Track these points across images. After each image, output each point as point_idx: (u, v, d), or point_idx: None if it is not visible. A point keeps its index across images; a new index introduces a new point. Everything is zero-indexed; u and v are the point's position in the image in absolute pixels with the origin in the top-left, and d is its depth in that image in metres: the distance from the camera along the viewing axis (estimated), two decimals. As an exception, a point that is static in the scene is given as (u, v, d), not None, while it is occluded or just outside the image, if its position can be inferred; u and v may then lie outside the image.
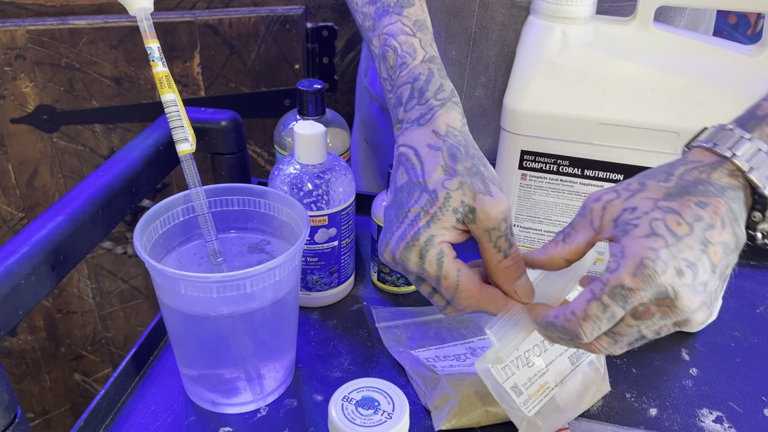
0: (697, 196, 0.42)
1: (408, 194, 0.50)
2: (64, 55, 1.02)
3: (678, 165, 0.45)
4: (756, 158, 0.43)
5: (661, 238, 0.41)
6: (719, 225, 0.41)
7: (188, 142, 0.55)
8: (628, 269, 0.41)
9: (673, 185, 0.43)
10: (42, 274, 0.52)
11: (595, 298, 0.42)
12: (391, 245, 0.50)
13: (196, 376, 0.57)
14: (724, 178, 0.43)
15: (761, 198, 0.43)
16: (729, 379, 0.62)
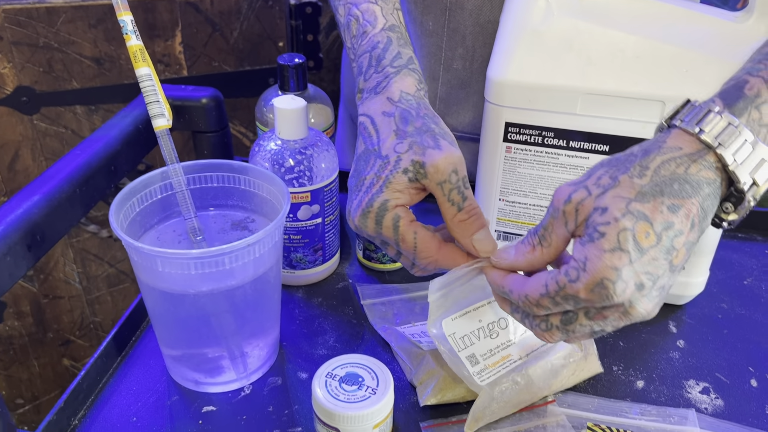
0: (671, 197, 0.40)
1: (365, 162, 0.51)
2: (42, 34, 1.00)
3: (654, 154, 0.42)
4: (741, 151, 0.41)
5: (626, 255, 0.39)
6: (688, 229, 0.40)
7: (164, 117, 0.53)
8: (587, 285, 0.40)
9: (647, 182, 0.40)
10: (18, 254, 0.51)
11: (548, 294, 0.42)
12: (351, 213, 0.51)
13: (178, 356, 0.56)
14: (702, 172, 0.41)
15: (738, 193, 0.41)
16: (716, 350, 0.62)
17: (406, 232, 0.49)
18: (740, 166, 0.41)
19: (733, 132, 0.41)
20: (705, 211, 0.41)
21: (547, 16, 0.57)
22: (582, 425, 0.53)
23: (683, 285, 0.64)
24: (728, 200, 0.42)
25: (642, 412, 0.55)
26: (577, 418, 0.54)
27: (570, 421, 0.54)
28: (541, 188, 0.62)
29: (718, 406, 0.56)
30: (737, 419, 0.54)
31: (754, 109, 0.42)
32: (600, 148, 0.59)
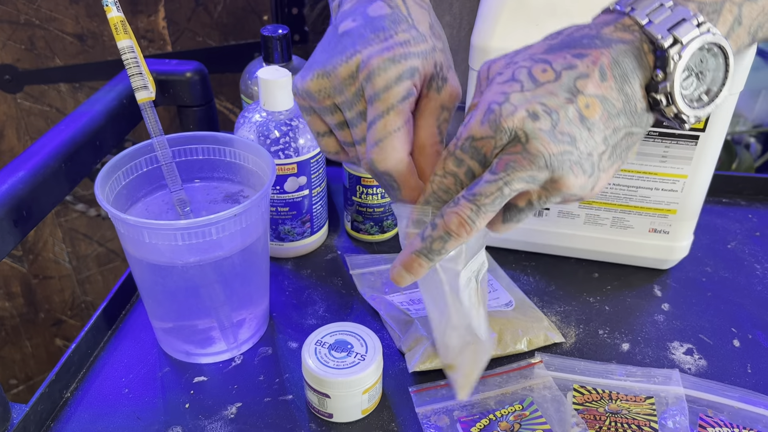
0: (577, 48, 0.39)
1: (394, 23, 0.44)
2: (22, 11, 0.99)
3: (570, 26, 0.42)
4: (658, 12, 0.39)
5: (517, 83, 0.38)
6: (597, 76, 0.38)
7: (148, 89, 0.53)
8: (478, 118, 0.38)
9: (557, 42, 0.40)
10: (4, 230, 0.51)
11: (449, 153, 0.40)
12: (366, 53, 0.42)
13: (168, 328, 0.57)
14: (615, 33, 0.39)
15: (661, 52, 0.39)
16: (700, 312, 0.63)
17: (405, 110, 0.42)
18: (657, 25, 0.39)
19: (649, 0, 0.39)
20: (621, 67, 0.38)
21: (530, -19, 0.57)
22: (568, 387, 0.54)
23: (668, 249, 0.65)
24: (657, 67, 0.39)
25: (627, 374, 0.56)
26: (564, 380, 0.55)
27: (556, 382, 0.54)
28: (526, 156, 0.63)
29: (702, 366, 0.57)
30: (720, 378, 0.56)
31: None
32: (584, 114, 0.59)
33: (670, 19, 0.39)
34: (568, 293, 0.65)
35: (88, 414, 0.53)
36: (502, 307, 0.61)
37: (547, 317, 0.61)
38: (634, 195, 0.62)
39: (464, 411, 0.52)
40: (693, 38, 0.39)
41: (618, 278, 0.67)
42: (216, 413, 0.53)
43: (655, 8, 0.39)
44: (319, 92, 0.44)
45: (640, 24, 0.39)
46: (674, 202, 0.62)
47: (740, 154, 1.41)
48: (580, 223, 0.65)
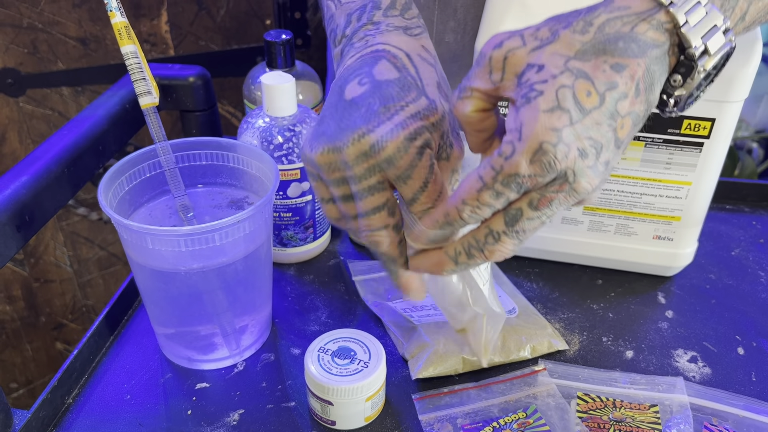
0: (615, 56, 0.36)
1: (402, 90, 0.43)
2: (25, 15, 0.99)
3: (600, 10, 0.38)
4: (695, 13, 0.37)
5: (566, 114, 0.35)
6: (633, 94, 0.37)
7: (151, 95, 0.53)
8: (526, 155, 0.35)
9: (589, 39, 0.37)
10: (7, 235, 0.51)
11: (486, 186, 0.37)
12: (380, 131, 0.40)
13: (171, 334, 0.57)
14: (650, 32, 0.37)
15: (688, 60, 0.38)
16: (704, 320, 0.63)
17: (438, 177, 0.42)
18: (693, 29, 0.37)
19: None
20: (652, 76, 0.38)
21: (534, -12, 0.57)
22: (572, 395, 0.54)
23: (672, 256, 0.65)
24: (677, 71, 0.39)
25: (631, 381, 0.56)
26: (567, 387, 0.55)
27: (560, 390, 0.54)
28: (530, 162, 0.63)
29: (706, 374, 0.57)
30: (724, 386, 0.55)
31: None
32: (588, 120, 0.59)
33: (705, 22, 0.38)
34: (572, 300, 0.65)
35: (90, 420, 0.52)
36: (505, 313, 0.60)
37: (550, 324, 0.61)
38: (638, 202, 0.62)
39: (467, 419, 0.52)
40: (719, 48, 0.38)
41: (622, 285, 0.66)
42: (218, 420, 0.52)
43: (693, 5, 0.37)
44: (327, 165, 0.42)
45: (677, 24, 0.37)
46: (678, 209, 0.62)
47: (743, 160, 1.41)
48: (584, 229, 0.65)
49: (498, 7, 0.58)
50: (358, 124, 0.41)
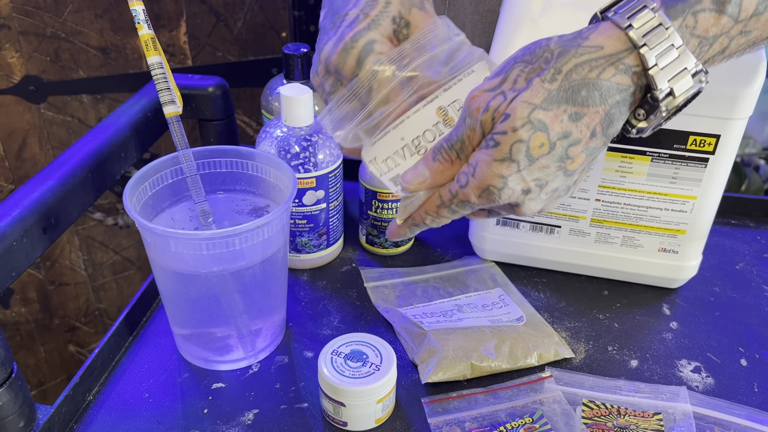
0: (575, 105, 0.39)
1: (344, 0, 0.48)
2: (49, 24, 1.02)
3: (570, 55, 0.40)
4: (666, 56, 0.39)
5: (514, 164, 0.40)
6: (587, 137, 0.40)
7: (175, 104, 0.55)
8: (475, 191, 0.42)
9: (556, 88, 0.39)
10: (34, 236, 0.53)
11: (443, 204, 0.45)
12: (326, 50, 0.46)
13: (188, 335, 0.58)
14: (616, 77, 0.39)
15: (653, 100, 0.40)
16: (708, 331, 0.64)
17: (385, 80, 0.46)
18: (661, 71, 0.39)
19: (662, 34, 0.39)
20: (611, 118, 0.40)
21: (545, 7, 0.59)
22: (577, 401, 0.55)
23: (677, 268, 0.66)
24: (641, 107, 0.41)
25: (635, 390, 0.57)
26: (573, 394, 0.56)
27: (566, 397, 0.56)
28: (539, 174, 0.64)
29: (709, 384, 0.58)
30: (727, 397, 0.57)
31: (690, 15, 0.40)
32: (596, 135, 0.61)
33: (675, 64, 0.39)
34: (578, 310, 0.66)
35: (110, 417, 0.54)
36: (513, 322, 0.62)
37: (557, 333, 0.62)
38: (644, 215, 0.64)
39: (475, 423, 0.54)
40: (685, 91, 0.40)
41: (627, 296, 0.68)
42: (233, 419, 0.54)
43: (665, 49, 0.39)
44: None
45: (646, 67, 0.39)
46: (684, 222, 0.63)
47: (749, 176, 1.42)
48: (591, 241, 0.67)
49: (510, 24, 0.60)
50: (319, 44, 0.48)
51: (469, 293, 0.67)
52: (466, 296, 0.66)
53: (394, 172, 0.48)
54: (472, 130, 0.42)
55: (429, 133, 0.48)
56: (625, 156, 0.61)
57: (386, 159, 0.48)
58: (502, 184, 0.41)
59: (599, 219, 0.65)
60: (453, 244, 0.75)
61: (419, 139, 0.48)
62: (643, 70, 0.39)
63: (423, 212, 0.47)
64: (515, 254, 0.70)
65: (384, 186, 0.51)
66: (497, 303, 0.65)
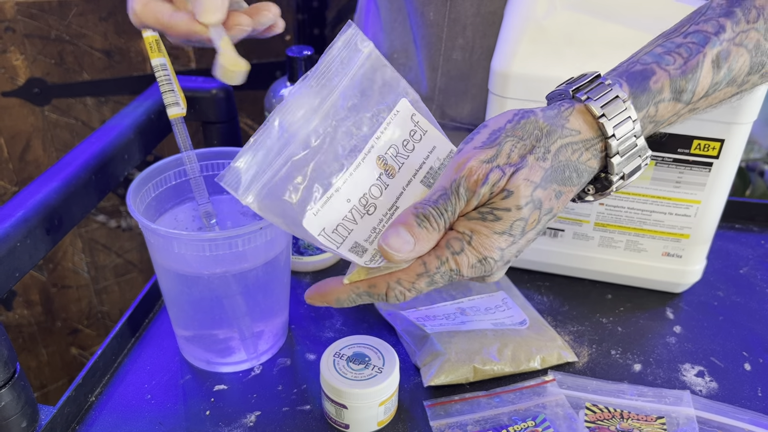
0: (560, 184, 0.42)
1: None
2: (53, 27, 1.02)
3: (556, 136, 0.42)
4: (627, 144, 0.43)
5: (511, 237, 0.41)
6: (559, 210, 0.43)
7: (179, 105, 0.55)
8: (470, 261, 0.41)
9: (548, 166, 0.41)
10: (37, 237, 0.53)
11: (426, 274, 0.42)
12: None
13: (190, 337, 0.58)
14: (590, 161, 0.43)
15: (608, 183, 0.44)
16: (711, 336, 0.64)
17: None
18: (622, 160, 0.43)
19: (630, 127, 0.42)
20: (576, 195, 0.45)
21: (549, 10, 0.59)
22: (581, 405, 0.55)
23: (680, 273, 0.66)
24: (593, 183, 0.45)
25: (639, 394, 0.57)
26: (576, 398, 0.56)
27: (569, 400, 0.55)
28: (542, 178, 0.64)
29: (713, 389, 0.58)
30: (730, 401, 0.56)
31: (653, 106, 0.43)
32: (600, 138, 0.61)
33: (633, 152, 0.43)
34: (582, 314, 0.66)
35: (112, 418, 0.54)
36: (516, 325, 0.62)
37: (560, 336, 0.62)
38: (648, 219, 0.64)
39: (477, 426, 0.53)
40: (634, 173, 0.44)
41: (631, 300, 0.68)
42: (235, 421, 0.54)
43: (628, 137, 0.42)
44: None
45: (610, 154, 0.43)
46: (687, 226, 0.63)
47: (754, 181, 1.41)
48: (595, 245, 0.67)
49: (514, 27, 0.60)
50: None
51: (472, 296, 0.66)
52: (469, 299, 0.66)
53: (350, 241, 0.43)
54: (467, 202, 0.41)
55: (375, 188, 0.44)
56: (629, 159, 0.61)
57: (336, 227, 0.42)
58: (499, 256, 0.42)
59: (603, 223, 0.65)
60: (456, 248, 0.75)
61: (366, 197, 0.44)
62: (606, 156, 0.43)
63: (393, 280, 0.42)
64: (519, 258, 0.70)
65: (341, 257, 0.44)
66: (500, 306, 0.65)
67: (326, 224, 0.42)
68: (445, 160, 0.47)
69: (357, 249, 0.43)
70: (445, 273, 0.42)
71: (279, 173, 0.41)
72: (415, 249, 0.40)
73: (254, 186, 0.41)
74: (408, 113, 0.45)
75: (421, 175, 0.46)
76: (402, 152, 0.45)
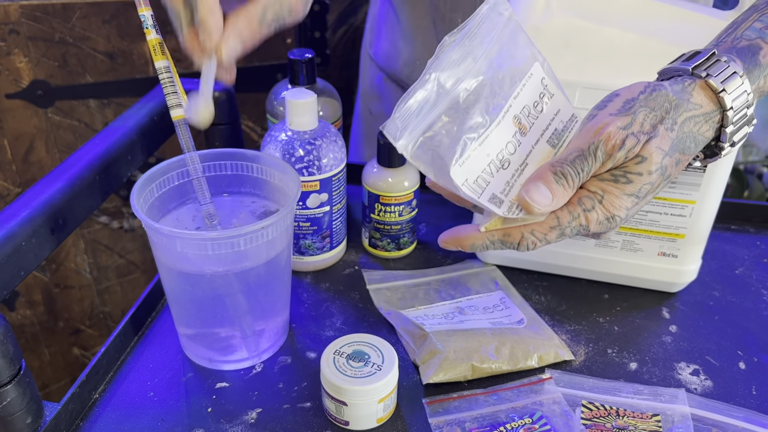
0: (682, 153, 0.46)
1: None
2: (57, 29, 1.03)
3: (683, 109, 0.46)
4: (741, 114, 0.46)
5: (638, 200, 0.46)
6: (674, 177, 0.47)
7: (182, 107, 0.56)
8: (598, 218, 0.46)
9: (675, 137, 0.45)
10: (42, 236, 0.54)
11: (558, 227, 0.46)
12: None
13: (193, 335, 0.59)
14: (708, 132, 0.47)
15: (718, 150, 0.48)
16: (707, 335, 0.65)
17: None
18: (734, 129, 0.47)
19: (745, 100, 0.46)
20: (692, 157, 0.48)
21: (546, 13, 0.60)
22: (577, 403, 0.56)
23: (676, 272, 0.67)
24: (703, 150, 0.49)
25: (634, 392, 0.57)
26: (573, 396, 0.57)
27: (566, 398, 0.56)
28: (540, 179, 0.65)
29: (708, 387, 0.59)
30: (725, 399, 0.57)
31: (762, 78, 0.47)
32: (596, 140, 0.61)
33: (743, 122, 0.47)
34: (579, 313, 0.67)
35: (116, 415, 0.55)
36: (514, 324, 0.63)
37: (557, 335, 0.63)
38: (643, 219, 0.65)
39: (475, 423, 0.54)
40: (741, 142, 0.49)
41: (627, 300, 0.69)
42: (237, 418, 0.55)
43: (742, 109, 0.46)
44: None
45: (725, 125, 0.47)
46: (683, 227, 0.64)
47: (752, 184, 1.42)
48: (592, 245, 0.67)
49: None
50: None
51: (470, 296, 0.67)
52: (467, 299, 0.67)
53: (488, 192, 0.46)
54: (603, 164, 0.45)
55: (510, 145, 0.47)
56: (625, 161, 0.62)
57: (476, 179, 0.46)
58: (625, 214, 0.45)
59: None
60: (455, 248, 0.76)
61: (503, 152, 0.47)
62: (721, 127, 0.47)
63: (528, 231, 0.46)
64: (516, 257, 0.71)
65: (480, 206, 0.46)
66: (498, 306, 0.66)
67: (469, 175, 0.45)
68: (568, 123, 0.51)
69: (495, 200, 0.46)
70: (575, 227, 0.46)
71: (433, 126, 0.44)
72: (552, 203, 0.45)
73: (410, 134, 0.44)
74: (539, 76, 0.49)
75: (548, 135, 0.50)
76: (533, 113, 0.49)
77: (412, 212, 0.71)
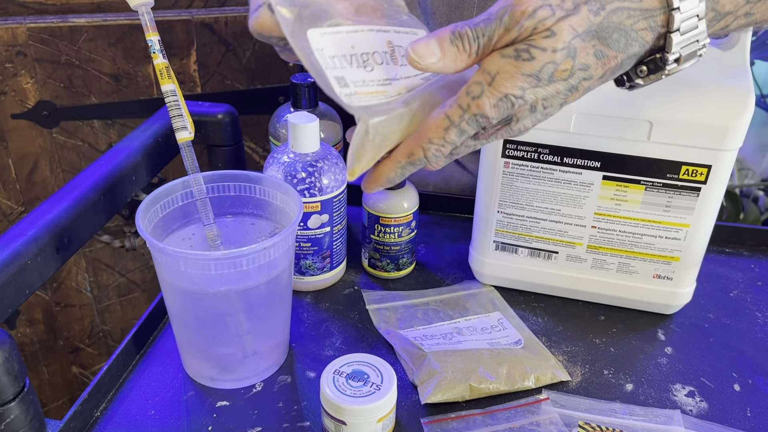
0: (603, 44, 0.41)
1: None
2: (64, 52, 1.05)
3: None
4: (688, 22, 0.42)
5: (538, 81, 0.41)
6: (598, 76, 0.42)
7: (187, 130, 0.57)
8: (492, 98, 0.41)
9: (597, 22, 0.41)
10: (47, 255, 0.55)
11: (452, 125, 0.42)
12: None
13: (194, 354, 0.60)
14: (644, 32, 0.42)
15: (662, 63, 0.43)
16: (702, 357, 0.65)
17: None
18: (680, 37, 0.42)
19: (695, 4, 0.41)
20: (621, 67, 0.43)
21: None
22: (573, 424, 0.57)
23: (671, 295, 0.68)
24: (647, 64, 0.44)
25: (630, 413, 0.58)
26: (569, 416, 0.57)
27: (562, 419, 0.57)
28: (537, 201, 0.66)
29: (703, 409, 0.59)
30: (720, 421, 0.58)
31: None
32: (592, 164, 0.63)
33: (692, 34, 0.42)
34: (575, 334, 0.68)
35: (117, 432, 0.56)
36: (511, 345, 0.64)
37: (554, 356, 0.64)
38: (638, 242, 0.66)
39: (473, 443, 0.55)
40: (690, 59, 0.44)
41: (623, 321, 0.69)
42: (237, 436, 0.55)
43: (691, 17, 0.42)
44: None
45: (670, 30, 0.42)
46: (677, 249, 0.65)
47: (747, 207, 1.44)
48: (588, 267, 0.68)
49: None
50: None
51: (468, 317, 0.68)
52: (465, 319, 0.68)
53: (338, 72, 0.44)
54: (507, 31, 0.41)
55: (378, 55, 0.47)
56: (620, 185, 0.63)
57: (333, 57, 0.45)
58: (520, 94, 0.41)
59: (595, 245, 0.67)
60: (453, 269, 0.77)
61: (367, 55, 0.46)
62: (666, 32, 0.42)
63: (425, 141, 0.43)
64: (514, 279, 0.72)
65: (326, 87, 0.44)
66: (496, 326, 0.67)
67: (325, 48, 0.44)
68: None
69: (341, 81, 0.44)
70: (470, 120, 0.42)
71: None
72: (438, 63, 0.42)
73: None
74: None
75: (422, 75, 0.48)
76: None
77: (411, 233, 0.72)
